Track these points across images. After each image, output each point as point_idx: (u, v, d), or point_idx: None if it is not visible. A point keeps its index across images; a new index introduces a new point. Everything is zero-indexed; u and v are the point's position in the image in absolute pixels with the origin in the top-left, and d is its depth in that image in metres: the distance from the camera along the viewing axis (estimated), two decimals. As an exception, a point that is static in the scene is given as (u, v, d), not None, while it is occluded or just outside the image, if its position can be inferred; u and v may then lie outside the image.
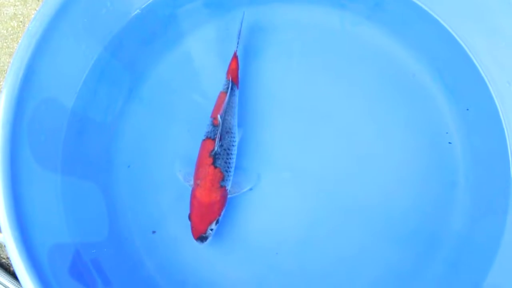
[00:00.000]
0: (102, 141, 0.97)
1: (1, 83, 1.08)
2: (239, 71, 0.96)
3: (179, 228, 0.94)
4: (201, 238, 0.87)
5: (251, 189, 0.94)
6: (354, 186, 0.95)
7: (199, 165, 0.89)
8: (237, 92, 0.94)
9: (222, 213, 0.89)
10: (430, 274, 0.91)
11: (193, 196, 0.88)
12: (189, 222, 0.88)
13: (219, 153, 0.88)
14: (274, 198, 0.96)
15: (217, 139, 0.87)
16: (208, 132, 0.90)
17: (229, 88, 0.92)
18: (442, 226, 0.92)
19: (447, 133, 0.94)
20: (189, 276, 0.94)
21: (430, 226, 0.93)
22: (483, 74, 0.92)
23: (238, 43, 0.96)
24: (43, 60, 0.86)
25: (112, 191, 0.96)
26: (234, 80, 0.93)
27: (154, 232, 0.95)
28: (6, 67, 1.11)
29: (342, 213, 0.94)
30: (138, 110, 0.99)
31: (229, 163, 0.89)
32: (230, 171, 0.89)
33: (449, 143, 0.93)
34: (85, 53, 0.93)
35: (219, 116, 0.89)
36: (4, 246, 1.03)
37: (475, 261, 0.86)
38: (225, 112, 0.90)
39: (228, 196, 0.90)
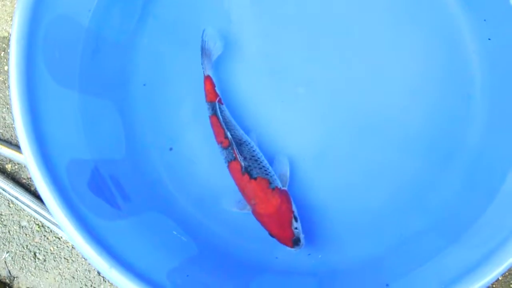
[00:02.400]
0: (118, 60, 0.97)
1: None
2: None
3: (196, 144, 0.96)
4: (295, 241, 0.84)
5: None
6: (370, 100, 0.95)
7: (241, 188, 0.89)
8: (224, 107, 0.92)
9: (294, 209, 0.87)
10: (447, 185, 0.92)
11: (258, 216, 0.87)
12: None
13: (248, 165, 0.87)
14: (289, 114, 0.96)
15: (238, 156, 0.87)
16: (226, 157, 0.89)
17: (216, 109, 0.91)
18: (458, 139, 0.92)
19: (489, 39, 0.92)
20: (206, 192, 0.96)
21: (446, 138, 0.93)
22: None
23: (202, 64, 0.93)
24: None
25: (128, 110, 0.97)
26: (215, 99, 0.91)
27: (171, 149, 0.96)
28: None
29: (358, 127, 0.95)
30: (153, 28, 0.98)
31: (263, 166, 0.88)
32: (269, 172, 0.88)
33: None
34: (98, -30, 0.92)
35: (224, 138, 0.89)
36: (25, 166, 1.06)
37: (491, 171, 0.86)
38: (226, 129, 0.89)
39: (284, 188, 0.89)
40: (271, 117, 0.96)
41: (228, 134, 0.88)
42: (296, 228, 0.85)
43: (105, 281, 1.05)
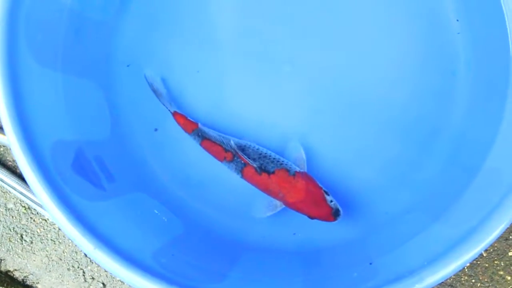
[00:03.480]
0: (102, 40, 0.96)
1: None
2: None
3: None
4: (334, 214, 0.85)
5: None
6: (355, 78, 0.95)
7: (265, 188, 0.89)
8: (205, 128, 0.92)
9: (322, 186, 0.87)
10: (431, 163, 0.92)
11: (291, 204, 0.87)
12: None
13: (260, 163, 0.88)
14: (275, 92, 0.96)
15: (247, 161, 0.87)
16: (236, 168, 0.89)
17: (199, 135, 0.91)
18: (442, 116, 0.92)
19: (457, 20, 0.92)
20: (192, 174, 0.96)
21: (430, 116, 0.93)
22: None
23: (163, 104, 0.94)
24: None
25: (113, 90, 0.96)
26: (196, 127, 0.92)
27: (156, 129, 0.96)
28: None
29: (343, 105, 0.94)
30: (137, 8, 0.98)
31: (274, 158, 0.88)
32: (283, 162, 0.88)
33: (458, 33, 0.92)
34: None
35: (225, 152, 0.89)
36: (9, 148, 1.06)
37: (475, 148, 0.86)
38: (221, 145, 0.90)
39: (303, 170, 0.89)
40: (257, 97, 0.96)
41: (231, 143, 0.89)
42: (331, 201, 0.85)
43: (91, 263, 1.05)
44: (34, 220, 1.06)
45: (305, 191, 0.86)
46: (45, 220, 1.05)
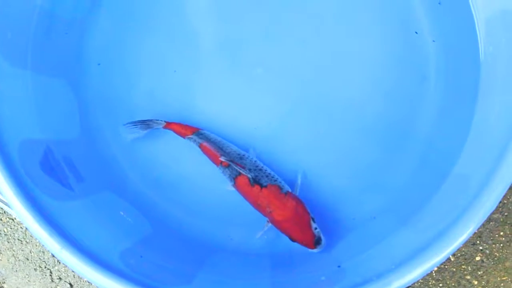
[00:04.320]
0: (72, 39, 0.95)
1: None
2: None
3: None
4: (316, 242, 0.84)
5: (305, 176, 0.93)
6: (326, 82, 0.95)
7: (254, 200, 0.87)
8: (205, 131, 0.92)
9: (310, 212, 0.86)
10: (402, 167, 0.93)
11: (277, 222, 0.86)
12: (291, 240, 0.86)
13: (255, 175, 0.87)
14: (247, 94, 0.96)
15: (242, 170, 0.87)
16: (230, 175, 0.88)
17: (200, 137, 0.91)
18: (413, 120, 0.93)
19: (416, 32, 0.93)
20: (161, 174, 0.96)
21: (402, 120, 0.94)
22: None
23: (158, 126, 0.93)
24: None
25: (83, 89, 0.96)
26: (195, 130, 0.92)
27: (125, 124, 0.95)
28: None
29: (314, 109, 0.95)
30: (109, 7, 0.97)
31: (269, 174, 0.87)
32: (277, 179, 0.87)
33: (416, 32, 0.93)
34: None
35: (220, 157, 0.88)
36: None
37: (444, 154, 0.87)
38: (220, 150, 0.89)
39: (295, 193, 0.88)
40: (229, 98, 0.96)
41: (226, 149, 0.89)
42: (315, 229, 0.84)
43: (59, 263, 1.04)
44: (1, 219, 1.04)
45: (293, 212, 0.85)
46: (12, 219, 1.04)
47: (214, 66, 0.97)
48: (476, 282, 1.01)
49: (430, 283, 1.01)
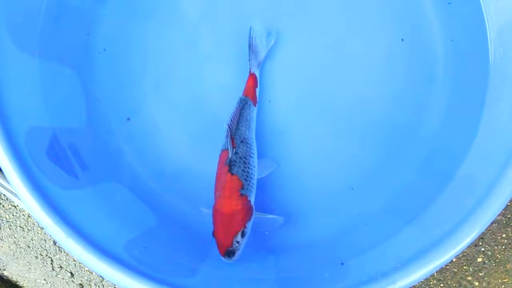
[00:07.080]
0: (81, 27, 0.95)
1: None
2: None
3: (157, 115, 0.95)
4: (228, 252, 0.78)
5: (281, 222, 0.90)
6: (333, 82, 0.95)
7: (217, 178, 0.85)
8: (253, 108, 0.90)
9: (248, 226, 0.81)
10: (407, 167, 0.93)
11: (214, 210, 0.82)
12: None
13: (235, 160, 0.83)
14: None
15: (229, 147, 0.83)
16: (224, 144, 0.86)
17: (243, 104, 0.89)
18: (420, 121, 0.93)
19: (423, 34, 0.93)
20: (166, 166, 0.96)
21: (408, 120, 0.94)
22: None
23: (250, 61, 0.92)
24: None
25: (89, 77, 0.95)
26: (250, 96, 0.91)
27: (128, 119, 0.95)
28: None
29: (320, 109, 0.95)
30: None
31: (248, 173, 0.84)
32: (250, 181, 0.83)
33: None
34: None
35: (225, 124, 0.85)
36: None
37: (450, 154, 0.87)
38: (239, 123, 0.86)
39: (254, 216, 0.84)
40: (237, 92, 0.94)
41: (226, 125, 0.85)
42: (237, 242, 0.79)
43: (60, 251, 1.04)
44: (3, 206, 1.04)
45: (229, 212, 0.80)
46: (15, 207, 1.04)
47: (222, 58, 0.97)
48: (477, 283, 1.01)
49: (431, 283, 1.01)
